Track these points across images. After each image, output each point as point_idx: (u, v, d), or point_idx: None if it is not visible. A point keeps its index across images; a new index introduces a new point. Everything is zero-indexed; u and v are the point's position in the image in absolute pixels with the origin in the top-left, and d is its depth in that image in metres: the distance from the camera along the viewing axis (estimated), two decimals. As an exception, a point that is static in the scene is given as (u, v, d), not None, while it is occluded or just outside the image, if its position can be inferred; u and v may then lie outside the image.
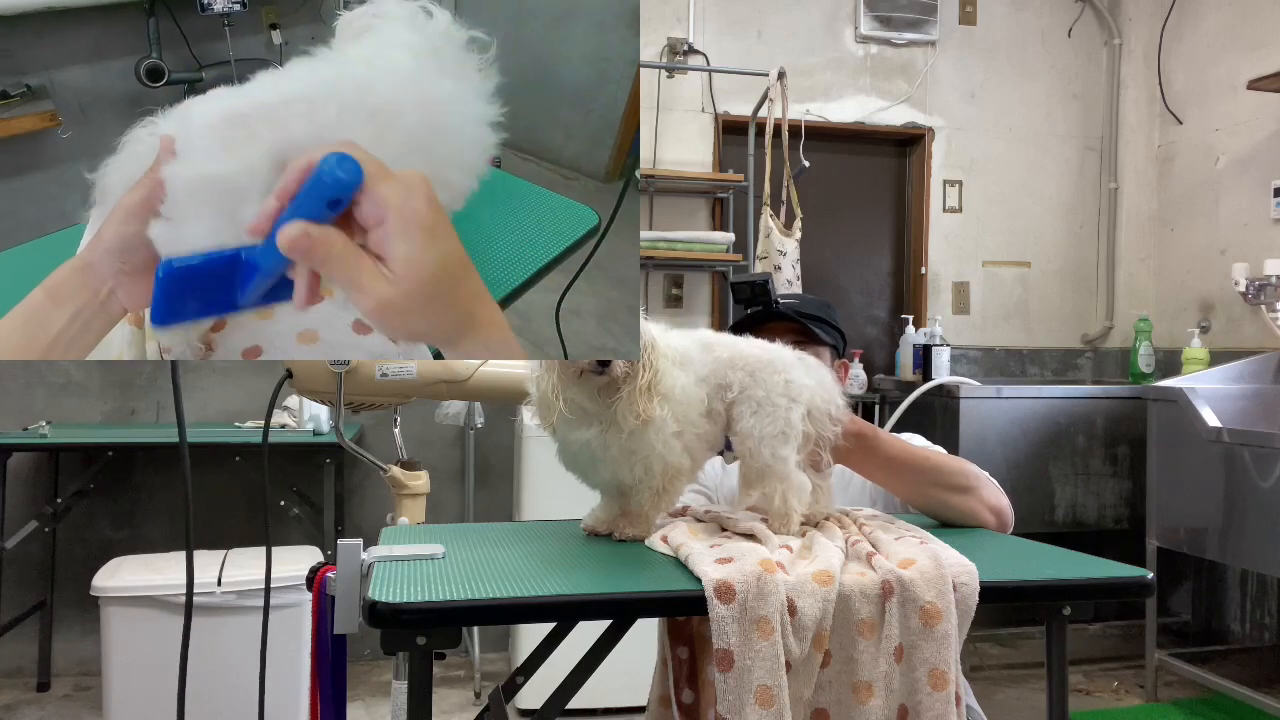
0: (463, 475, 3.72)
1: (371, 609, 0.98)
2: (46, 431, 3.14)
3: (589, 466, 1.30)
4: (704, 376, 1.29)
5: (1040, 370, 4.34)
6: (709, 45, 3.95)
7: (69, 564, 3.45)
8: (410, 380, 1.72)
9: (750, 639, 1.02)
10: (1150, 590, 1.17)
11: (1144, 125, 4.33)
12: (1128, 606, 3.89)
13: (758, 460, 1.29)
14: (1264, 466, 2.81)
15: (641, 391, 1.21)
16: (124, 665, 2.65)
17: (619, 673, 1.54)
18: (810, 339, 1.64)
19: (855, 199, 4.31)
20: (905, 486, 1.51)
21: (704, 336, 1.35)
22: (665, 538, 1.25)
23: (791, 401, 1.30)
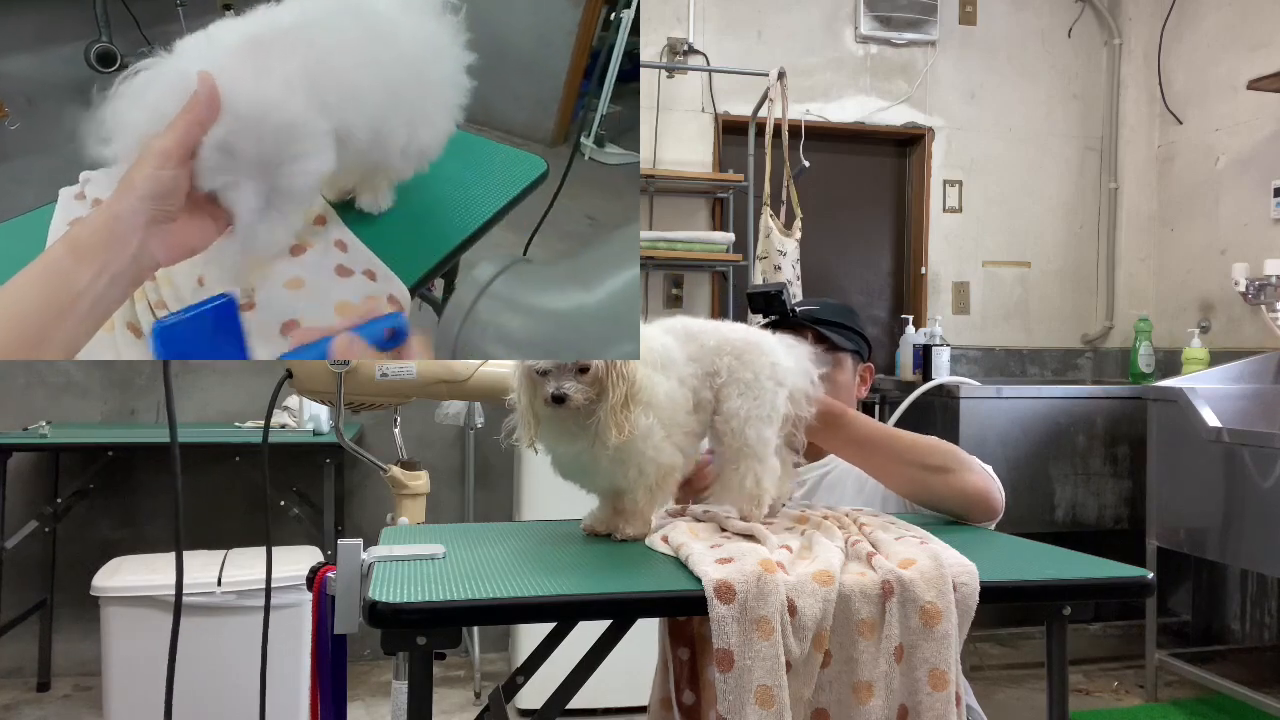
0: (463, 475, 3.72)
1: (372, 609, 0.98)
2: (46, 431, 3.14)
3: (582, 476, 1.30)
4: (686, 376, 1.28)
5: (1040, 370, 4.34)
6: (709, 45, 3.95)
7: (69, 564, 3.45)
8: (410, 380, 1.72)
9: (750, 639, 1.02)
10: (1150, 590, 1.17)
11: (1144, 125, 4.33)
12: (1128, 606, 3.89)
13: (739, 440, 1.29)
14: (1264, 466, 2.81)
15: (616, 410, 1.19)
16: (124, 665, 2.65)
17: (619, 673, 1.54)
18: (829, 345, 1.64)
19: (855, 199, 4.31)
20: (880, 467, 1.50)
21: (688, 326, 1.33)
22: (665, 538, 1.25)
23: (778, 385, 1.30)
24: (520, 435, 1.26)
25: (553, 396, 1.19)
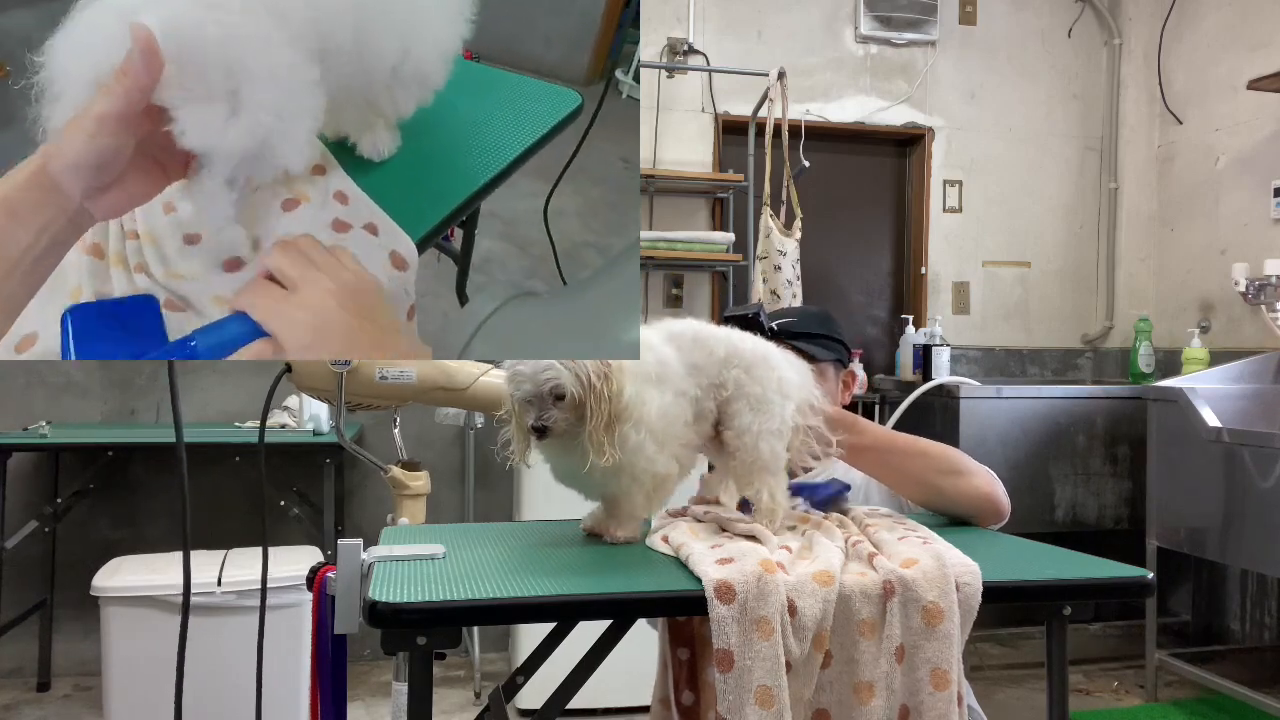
0: (463, 475, 3.72)
1: (372, 609, 0.98)
2: (46, 431, 3.14)
3: (578, 485, 1.30)
4: (686, 388, 1.27)
5: (1040, 370, 4.34)
6: (709, 45, 3.95)
7: (69, 564, 3.45)
8: (409, 384, 1.72)
9: (750, 639, 1.02)
10: (1150, 590, 1.17)
11: (1144, 125, 4.33)
12: (1128, 606, 3.88)
13: (753, 455, 1.29)
14: (1264, 466, 2.81)
15: (598, 432, 1.18)
16: (124, 665, 2.65)
17: (619, 673, 1.54)
18: (809, 358, 1.64)
19: (855, 199, 4.31)
20: (894, 474, 1.51)
21: (697, 332, 1.32)
22: (666, 538, 1.25)
23: (785, 398, 1.31)
24: (514, 450, 1.27)
25: (533, 429, 1.20)
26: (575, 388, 1.18)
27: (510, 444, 1.27)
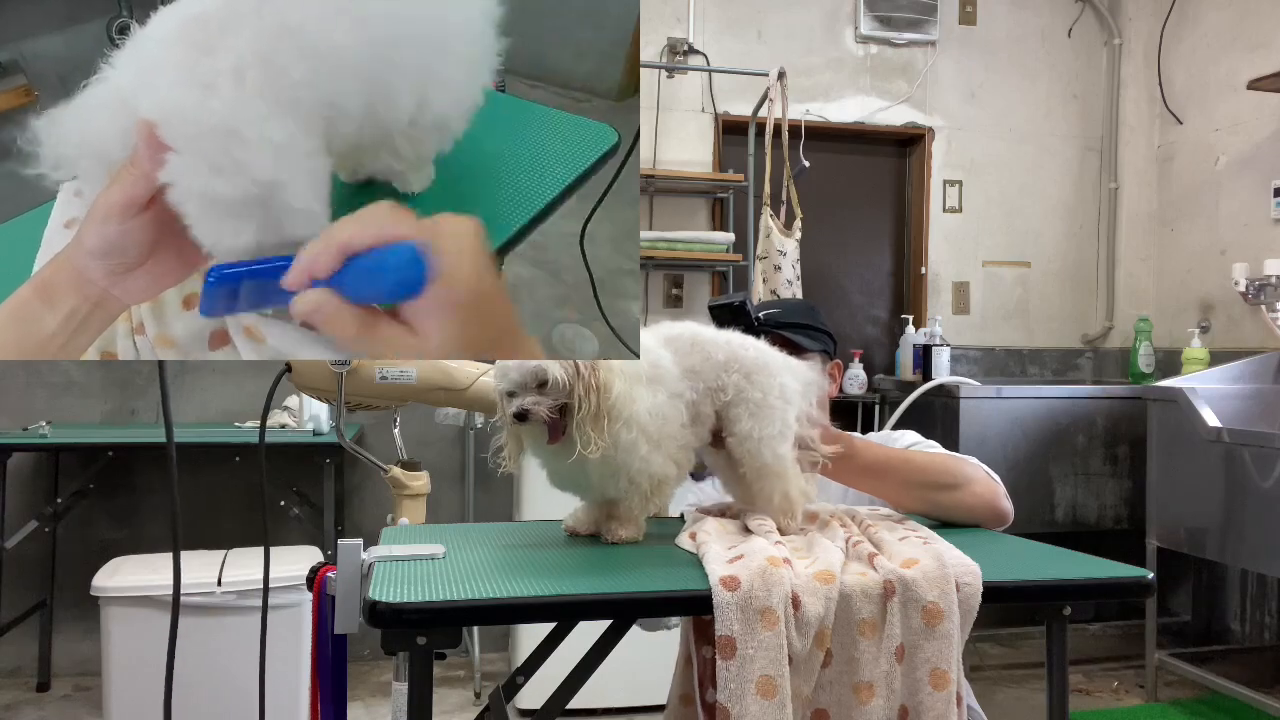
0: (463, 475, 3.72)
1: (372, 609, 0.98)
2: (46, 431, 3.14)
3: (575, 487, 1.30)
4: (681, 390, 1.27)
5: (1040, 370, 4.34)
6: (709, 45, 3.95)
7: (69, 564, 3.45)
8: (409, 384, 1.72)
9: (754, 628, 1.02)
10: (1150, 590, 1.17)
11: (1144, 125, 4.33)
12: (1128, 606, 3.89)
13: (758, 460, 1.29)
14: (1264, 466, 2.81)
15: (586, 422, 1.18)
16: (124, 665, 2.65)
17: (619, 673, 1.54)
18: (795, 349, 1.64)
19: (855, 199, 4.31)
20: (891, 490, 1.50)
21: (696, 335, 1.32)
22: (694, 534, 1.25)
23: (786, 403, 1.30)
24: (507, 455, 1.27)
25: (514, 414, 1.19)
26: (560, 374, 1.18)
27: (503, 449, 1.27)
